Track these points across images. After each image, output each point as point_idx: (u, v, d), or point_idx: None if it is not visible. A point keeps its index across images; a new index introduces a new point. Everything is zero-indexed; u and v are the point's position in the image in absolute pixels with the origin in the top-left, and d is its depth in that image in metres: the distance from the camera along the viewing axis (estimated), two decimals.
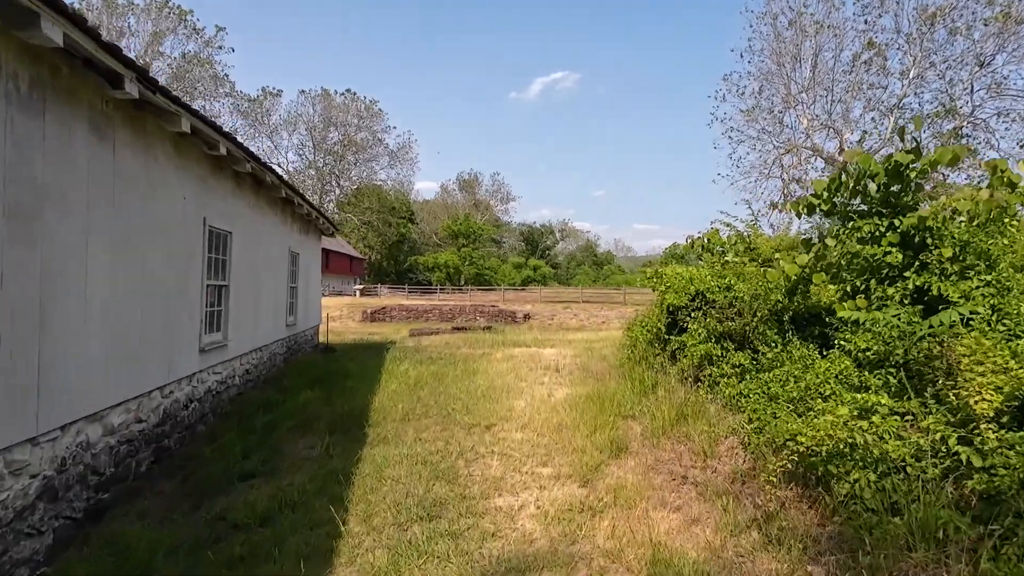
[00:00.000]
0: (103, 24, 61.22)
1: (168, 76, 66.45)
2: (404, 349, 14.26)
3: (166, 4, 64.87)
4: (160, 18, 65.15)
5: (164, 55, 66.06)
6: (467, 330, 20.69)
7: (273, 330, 10.34)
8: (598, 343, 14.54)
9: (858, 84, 30.39)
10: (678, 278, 8.52)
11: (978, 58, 27.33)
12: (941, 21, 28.81)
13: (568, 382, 9.20)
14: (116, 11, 63.03)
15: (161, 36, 65.73)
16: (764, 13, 31.15)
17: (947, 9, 28.17)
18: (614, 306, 39.93)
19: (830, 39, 29.87)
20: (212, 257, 7.21)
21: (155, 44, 65.74)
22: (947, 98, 29.75)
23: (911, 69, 29.36)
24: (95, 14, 61.31)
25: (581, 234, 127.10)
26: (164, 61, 66.10)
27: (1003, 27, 25.89)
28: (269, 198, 9.63)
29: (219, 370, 7.62)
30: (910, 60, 29.49)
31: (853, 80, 29.92)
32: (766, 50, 31.72)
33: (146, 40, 65.15)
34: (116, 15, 63.13)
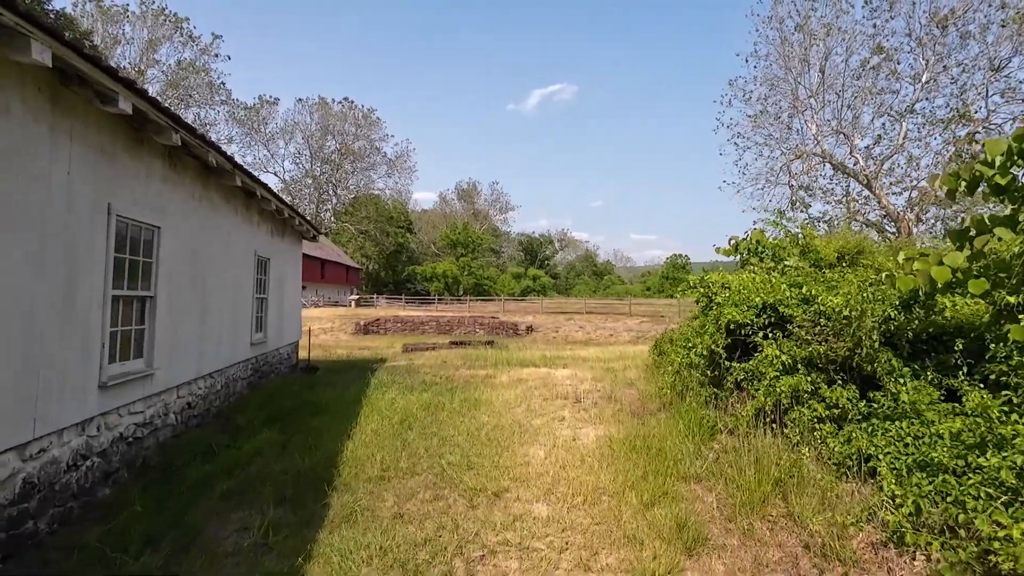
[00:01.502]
0: (98, 31, 59.98)
1: (163, 83, 65.16)
2: (394, 370, 12.37)
3: (162, 12, 63.70)
4: (156, 25, 63.90)
5: (159, 63, 64.81)
6: (466, 345, 18.81)
7: (231, 351, 8.47)
8: (616, 362, 12.66)
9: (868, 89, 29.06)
10: (741, 288, 6.68)
11: (992, 62, 26.01)
12: (953, 24, 27.50)
13: (595, 418, 7.32)
14: (111, 18, 61.79)
15: (157, 44, 64.42)
16: (770, 17, 29.81)
17: (959, 12, 26.85)
18: (619, 317, 38.10)
19: (839, 43, 28.56)
20: (125, 259, 5.36)
21: (150, 52, 64.44)
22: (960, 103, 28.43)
23: (923, 73, 28.03)
24: (90, 21, 60.10)
25: (580, 244, 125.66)
26: (159, 68, 64.86)
27: (1019, 30, 24.53)
28: (223, 189, 7.80)
29: (138, 409, 5.74)
30: (922, 64, 28.16)
31: (863, 85, 28.59)
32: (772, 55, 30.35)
33: (141, 47, 63.87)
34: (111, 22, 61.88)
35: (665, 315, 39.65)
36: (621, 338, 28.51)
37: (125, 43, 63.15)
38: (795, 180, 31.71)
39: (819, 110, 30.29)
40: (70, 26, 53.81)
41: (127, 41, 63.27)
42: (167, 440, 6.40)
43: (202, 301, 7.24)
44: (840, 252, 8.80)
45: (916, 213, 27.04)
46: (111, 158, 4.98)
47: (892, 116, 29.82)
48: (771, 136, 31.36)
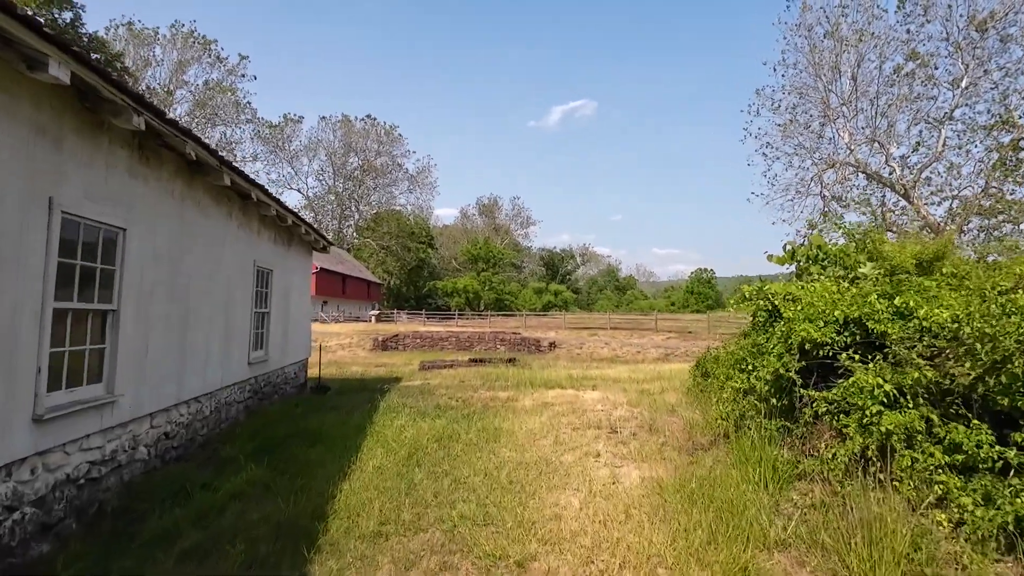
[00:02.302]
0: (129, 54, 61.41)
1: (191, 103, 66.35)
2: (408, 391, 11.38)
3: (191, 34, 65.09)
4: (185, 47, 65.28)
5: (188, 83, 66.10)
6: (486, 362, 17.76)
7: (222, 372, 7.57)
8: (651, 383, 11.48)
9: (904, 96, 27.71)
10: (815, 299, 5.55)
11: None
12: (993, 28, 26.06)
13: (636, 453, 6.19)
14: (143, 41, 63.27)
15: (186, 65, 65.79)
16: (798, 25, 28.70)
17: (1000, 15, 25.42)
18: (645, 332, 36.70)
19: (871, 49, 27.32)
20: (76, 265, 4.48)
21: (179, 73, 65.79)
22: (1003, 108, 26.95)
23: (962, 79, 26.60)
24: (121, 44, 61.58)
25: (602, 259, 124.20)
26: (187, 89, 66.13)
27: None
28: (212, 190, 6.96)
29: (95, 444, 4.82)
30: (961, 69, 26.76)
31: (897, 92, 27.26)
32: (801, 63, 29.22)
33: (171, 69, 65.25)
34: (142, 45, 63.35)
35: (693, 330, 38.15)
36: (649, 355, 27.17)
37: (156, 65, 64.62)
38: (827, 191, 30.37)
39: (852, 118, 28.97)
40: (101, 48, 55.16)
41: (157, 63, 64.73)
42: (136, 478, 5.47)
43: (184, 315, 6.35)
44: (917, 258, 7.59)
45: (959, 224, 25.44)
46: (55, 142, 4.11)
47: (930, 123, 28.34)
48: (801, 146, 30.17)
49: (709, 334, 35.44)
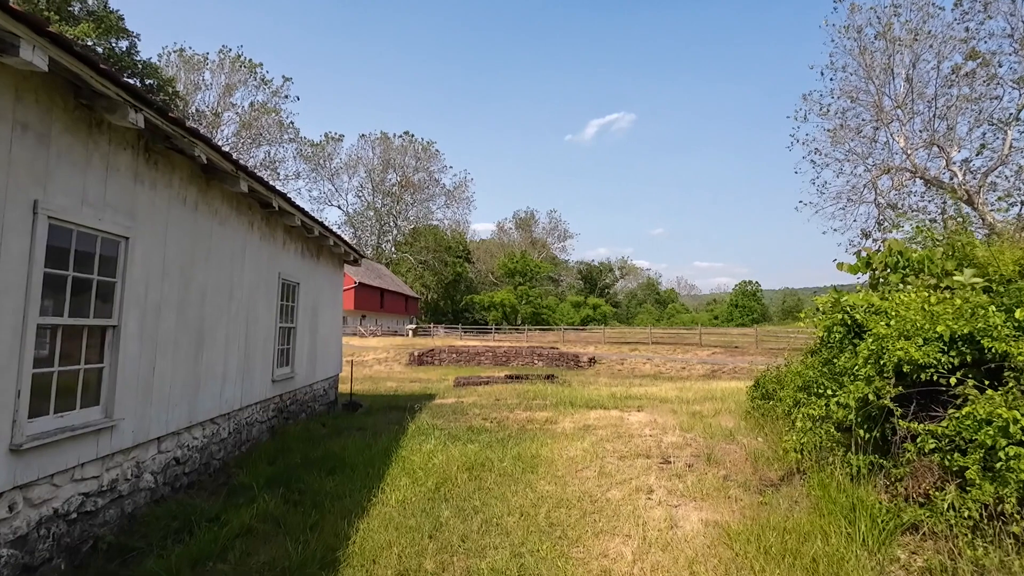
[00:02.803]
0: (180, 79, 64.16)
1: (237, 124, 68.69)
2: (440, 409, 10.79)
3: (238, 58, 67.59)
4: (232, 71, 67.79)
5: (235, 105, 68.54)
6: (523, 379, 17.06)
7: (242, 390, 7.13)
8: (702, 404, 10.55)
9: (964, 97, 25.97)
10: (910, 313, 4.69)
11: None
12: None
13: (694, 490, 5.38)
14: (193, 67, 66.06)
15: (233, 88, 68.27)
16: (847, 27, 27.36)
17: None
18: (688, 347, 35.28)
19: (927, 49, 25.71)
20: (67, 277, 4.05)
21: (227, 96, 68.32)
22: None
23: None
24: (173, 69, 64.41)
25: (641, 272, 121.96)
26: (234, 111, 68.56)
27: None
28: (230, 197, 6.57)
29: (90, 473, 4.36)
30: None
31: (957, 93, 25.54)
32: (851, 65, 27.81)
33: (219, 92, 67.84)
34: (193, 70, 66.12)
35: (740, 345, 36.47)
36: (695, 371, 25.93)
37: (205, 89, 67.26)
38: (882, 198, 28.76)
39: (907, 121, 27.40)
40: (154, 74, 57.72)
41: (207, 87, 67.36)
42: (140, 509, 5.01)
43: (198, 331, 5.93)
44: (1020, 264, 6.56)
45: None
46: (40, 140, 3.70)
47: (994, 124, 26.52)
48: (852, 151, 28.73)
49: (757, 349, 33.79)
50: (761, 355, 31.44)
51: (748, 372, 24.72)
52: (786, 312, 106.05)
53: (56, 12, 50.25)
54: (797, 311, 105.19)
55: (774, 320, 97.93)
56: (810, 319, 6.19)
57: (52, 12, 49.74)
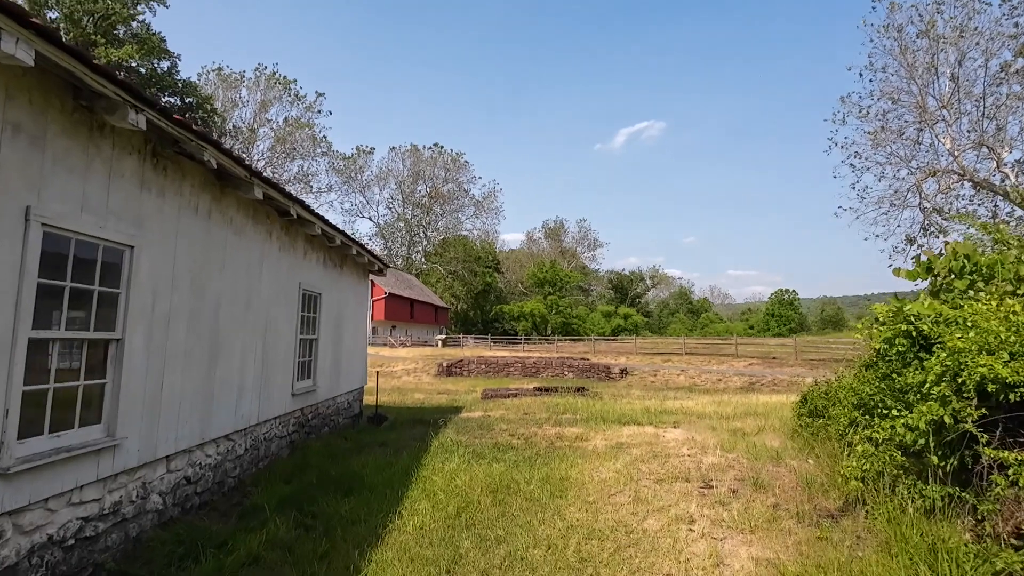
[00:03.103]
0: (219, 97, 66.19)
1: (272, 139, 70.39)
2: (466, 424, 10.41)
3: (273, 75, 69.42)
4: (268, 88, 69.60)
5: (270, 121, 70.31)
6: (553, 391, 16.57)
7: (259, 405, 6.89)
8: (743, 420, 9.92)
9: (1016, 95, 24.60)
10: (993, 323, 4.12)
11: None
12: None
13: (741, 520, 4.85)
14: (230, 84, 68.10)
15: (268, 105, 70.09)
16: (886, 26, 26.24)
17: None
18: (724, 358, 34.16)
19: (973, 46, 24.45)
20: (64, 287, 3.82)
21: (262, 112, 70.17)
22: None
23: None
24: (212, 88, 66.48)
25: (673, 281, 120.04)
26: (269, 127, 70.34)
27: None
28: (246, 205, 6.36)
29: (90, 496, 4.11)
30: None
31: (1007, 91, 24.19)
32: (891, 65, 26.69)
33: (255, 109, 69.74)
34: (230, 88, 68.16)
35: (778, 356, 35.15)
36: (731, 383, 24.97)
37: (242, 106, 69.26)
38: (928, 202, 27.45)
39: (953, 122, 26.13)
40: (193, 92, 59.64)
41: (243, 104, 69.36)
42: (146, 533, 4.75)
43: (211, 343, 5.69)
44: None
45: None
46: (33, 143, 3.49)
47: None
48: (894, 154, 27.52)
49: (797, 360, 32.49)
50: (801, 367, 30.19)
51: (789, 385, 23.67)
52: (825, 321, 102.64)
53: (103, 36, 52.43)
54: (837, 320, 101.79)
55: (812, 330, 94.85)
56: (867, 329, 5.60)
57: (99, 35, 51.93)
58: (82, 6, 51.18)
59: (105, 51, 50.28)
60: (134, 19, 53.76)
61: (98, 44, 50.81)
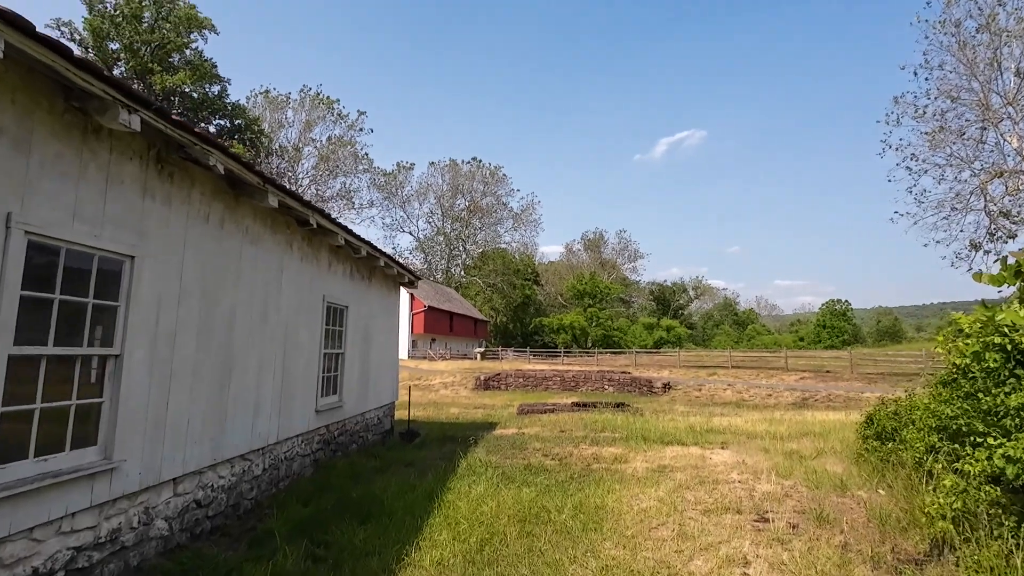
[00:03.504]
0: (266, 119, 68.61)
1: (316, 158, 72.36)
2: (499, 442, 9.92)
3: (317, 95, 71.55)
4: (312, 108, 71.76)
5: (314, 140, 72.38)
6: (592, 407, 15.92)
7: (280, 423, 6.61)
8: (799, 441, 9.09)
9: None
10: None
11: None
12: None
13: (805, 563, 4.19)
14: (277, 106, 70.52)
15: (312, 124, 72.23)
16: (942, 21, 24.73)
17: None
18: (773, 372, 32.57)
19: None
20: (53, 300, 3.58)
21: (307, 132, 72.33)
22: None
23: None
24: (259, 110, 68.94)
25: (717, 292, 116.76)
26: (313, 146, 72.40)
27: None
28: (263, 215, 6.13)
29: (83, 524, 3.83)
30: None
31: None
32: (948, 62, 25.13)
33: (300, 129, 71.97)
34: (276, 109, 70.57)
35: (832, 369, 33.30)
36: (782, 399, 23.66)
37: (287, 126, 71.58)
38: (993, 204, 25.59)
39: (1020, 119, 24.36)
40: (242, 114, 61.95)
41: (288, 125, 71.66)
42: (148, 561, 4.46)
43: (224, 360, 5.43)
44: None
45: None
46: (16, 146, 3.26)
47: None
48: (955, 155, 25.85)
49: (852, 374, 30.69)
50: (857, 381, 28.47)
51: (846, 401, 22.24)
52: (882, 333, 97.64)
53: (159, 63, 55.11)
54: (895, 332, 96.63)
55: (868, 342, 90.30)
56: (949, 342, 4.87)
57: (156, 63, 54.60)
58: (140, 36, 54.02)
59: (160, 78, 52.88)
60: (187, 47, 56.38)
61: (154, 71, 53.48)
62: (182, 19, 54.78)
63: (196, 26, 56.07)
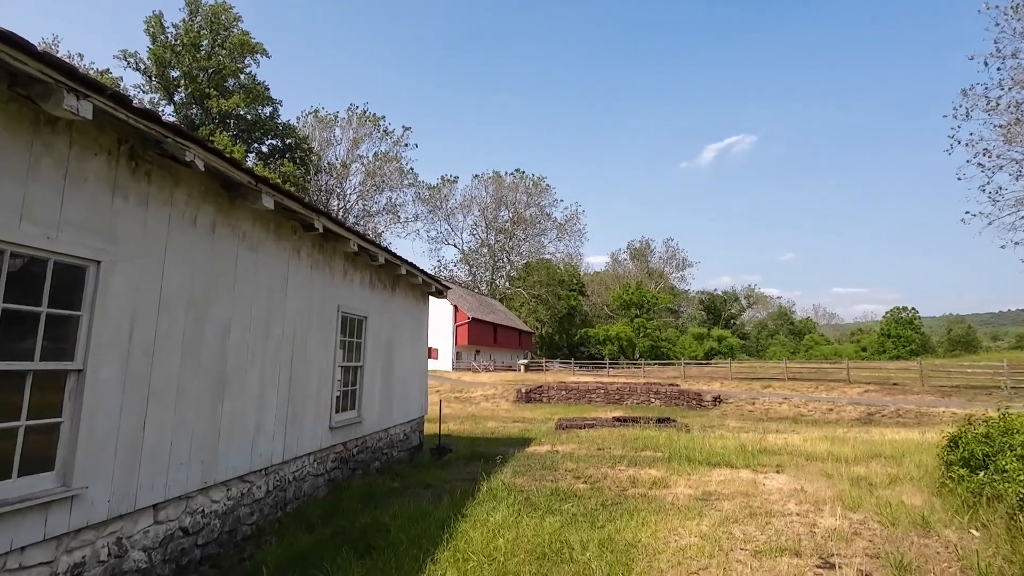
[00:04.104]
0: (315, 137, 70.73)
1: (363, 174, 73.99)
2: (529, 462, 9.24)
3: (364, 113, 73.33)
4: (359, 125, 73.55)
5: (362, 157, 74.09)
6: (635, 423, 15.01)
7: (286, 441, 6.18)
8: (866, 464, 8.03)
9: None
10: None
11: None
12: None
13: None
14: (326, 125, 72.68)
15: (359, 141, 74.00)
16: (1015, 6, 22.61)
17: None
18: (834, 384, 30.45)
19: None
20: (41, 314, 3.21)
21: (354, 149, 74.15)
22: None
23: None
24: (309, 129, 71.15)
25: (771, 300, 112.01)
26: (361, 163, 74.10)
27: None
28: (264, 219, 5.75)
29: (35, 559, 3.42)
30: None
31: None
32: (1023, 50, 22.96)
33: (348, 146, 73.86)
34: (325, 128, 72.71)
35: (899, 382, 30.89)
36: (845, 413, 21.94)
37: (336, 144, 73.59)
38: None
39: None
40: (292, 134, 64.01)
41: (337, 142, 73.67)
42: None
43: (216, 375, 5.03)
44: None
45: None
46: None
47: None
48: None
49: (923, 387, 28.34)
50: (929, 394, 26.24)
51: (917, 417, 20.40)
52: (954, 342, 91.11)
53: (215, 88, 57.71)
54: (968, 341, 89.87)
55: (938, 352, 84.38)
56: None
57: (212, 88, 57.17)
58: (198, 63, 56.77)
59: (216, 102, 55.33)
60: (241, 72, 58.84)
61: (211, 96, 56.02)
62: (236, 45, 57.21)
63: (249, 51, 58.46)
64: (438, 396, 31.74)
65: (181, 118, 57.42)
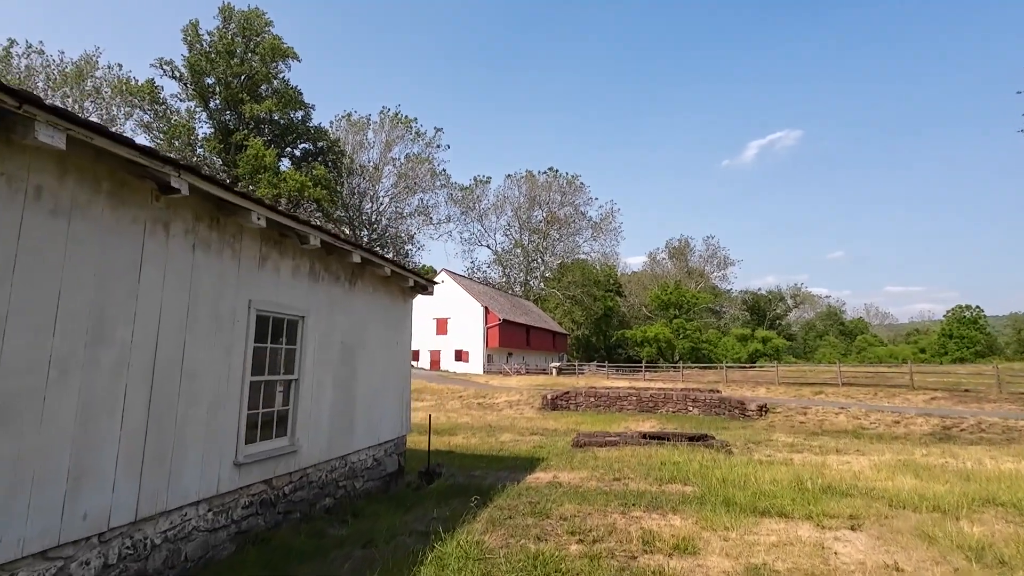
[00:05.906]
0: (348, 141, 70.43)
1: (396, 176, 73.36)
2: (516, 502, 7.22)
3: (396, 116, 72.68)
4: (392, 129, 72.95)
5: (394, 160, 73.45)
6: (665, 440, 12.79)
7: (145, 488, 4.38)
8: (980, 514, 5.72)
9: None
10: None
11: None
12: None
13: None
14: (359, 129, 72.34)
15: (392, 144, 73.40)
16: None
17: None
18: (895, 390, 27.14)
19: None
20: None
21: (387, 151, 73.55)
22: None
23: None
24: (342, 133, 70.87)
25: (819, 300, 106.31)
26: (393, 165, 73.44)
27: None
28: (76, 169, 3.97)
29: None
30: None
31: None
32: None
33: (381, 149, 73.35)
34: (358, 132, 72.38)
35: (971, 388, 27.34)
36: (914, 427, 19.03)
37: (368, 147, 73.14)
38: None
39: None
40: (324, 137, 63.75)
41: (369, 146, 73.22)
42: None
43: None
44: None
45: None
46: None
47: None
48: None
49: (1000, 394, 24.91)
50: (1009, 403, 22.93)
51: (1005, 431, 17.39)
52: None
53: (248, 93, 57.82)
54: None
55: (1007, 353, 77.78)
56: None
57: (246, 94, 57.27)
58: (231, 70, 56.99)
59: (250, 107, 55.38)
60: (274, 77, 58.82)
61: (244, 101, 56.13)
62: (267, 50, 57.11)
63: (280, 55, 58.32)
64: (460, 402, 29.96)
65: (216, 123, 57.80)
